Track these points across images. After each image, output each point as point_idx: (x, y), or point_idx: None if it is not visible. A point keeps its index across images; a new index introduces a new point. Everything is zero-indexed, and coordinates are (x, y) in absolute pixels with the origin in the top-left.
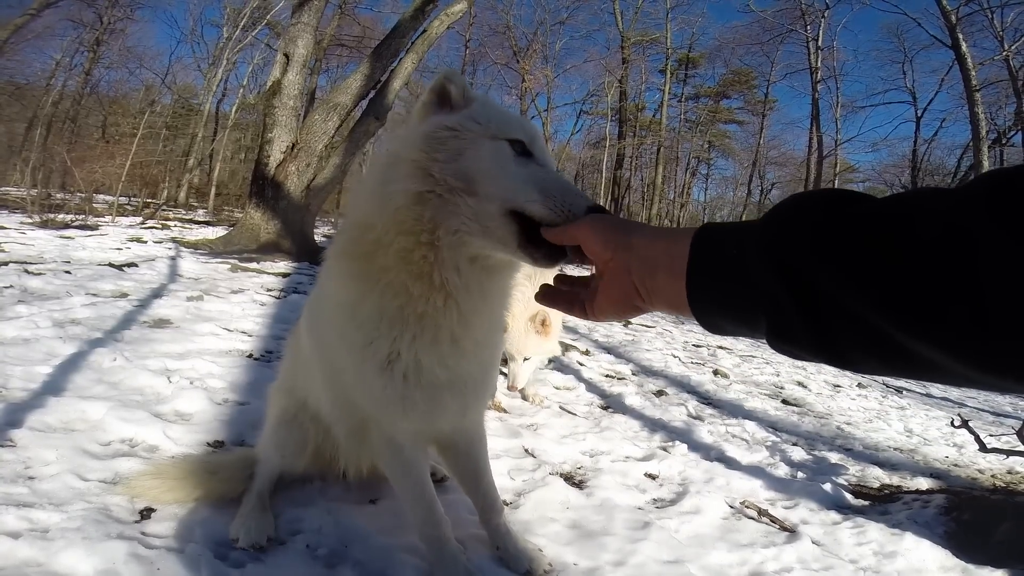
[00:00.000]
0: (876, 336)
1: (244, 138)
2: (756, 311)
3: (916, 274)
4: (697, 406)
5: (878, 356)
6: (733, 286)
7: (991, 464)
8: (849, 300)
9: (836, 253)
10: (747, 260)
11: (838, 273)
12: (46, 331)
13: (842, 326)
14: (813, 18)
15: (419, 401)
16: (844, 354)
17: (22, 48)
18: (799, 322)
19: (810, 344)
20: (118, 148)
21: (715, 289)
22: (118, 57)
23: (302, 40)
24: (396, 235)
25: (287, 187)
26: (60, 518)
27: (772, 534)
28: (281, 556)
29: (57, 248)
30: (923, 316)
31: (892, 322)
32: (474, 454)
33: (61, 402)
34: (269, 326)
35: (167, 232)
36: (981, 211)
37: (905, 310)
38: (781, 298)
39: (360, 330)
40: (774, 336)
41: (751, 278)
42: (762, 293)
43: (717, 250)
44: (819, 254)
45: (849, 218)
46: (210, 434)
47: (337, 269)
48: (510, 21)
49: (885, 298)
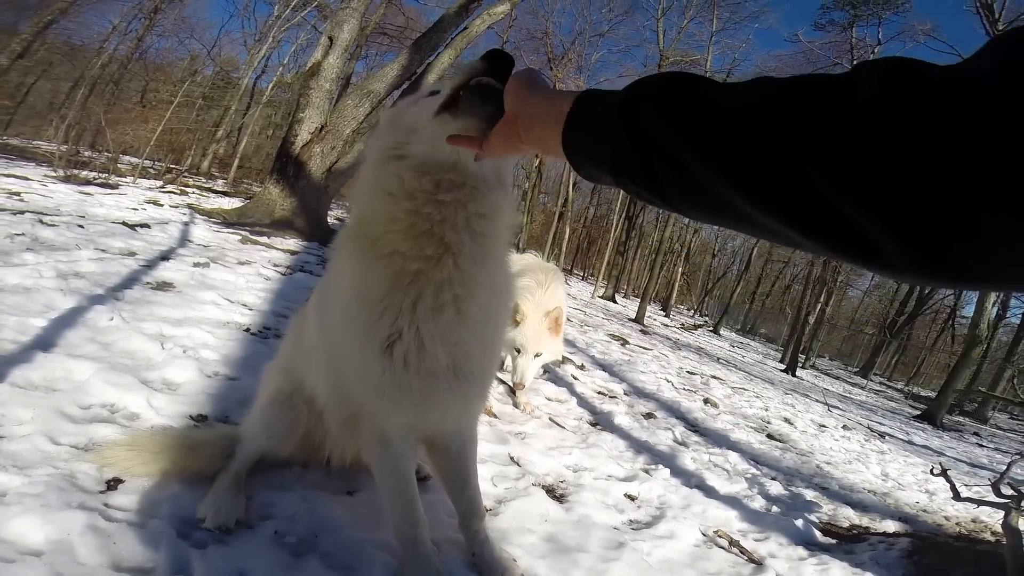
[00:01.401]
0: (682, 168)
1: (275, 115)
2: (606, 151)
3: (721, 132)
4: (684, 432)
5: (689, 196)
6: (594, 133)
7: (958, 512)
8: (671, 145)
9: (663, 102)
10: (606, 113)
11: (664, 122)
12: (48, 281)
13: (663, 166)
14: (862, 53)
15: (415, 389)
16: (665, 192)
17: (85, 11)
18: (634, 160)
19: (641, 180)
20: (153, 113)
21: (581, 135)
22: (172, 26)
23: (348, 25)
24: (379, 195)
25: (309, 167)
26: (21, 482)
27: (740, 565)
28: (247, 540)
29: (75, 203)
30: (727, 169)
31: (705, 167)
32: (464, 457)
33: (49, 359)
34: (271, 302)
35: (184, 198)
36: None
37: (712, 158)
38: (622, 140)
39: (363, 308)
40: (615, 170)
41: (607, 126)
42: (613, 138)
43: (589, 106)
44: (654, 104)
45: (686, 81)
46: (195, 407)
47: (345, 249)
48: (549, 28)
49: (697, 145)
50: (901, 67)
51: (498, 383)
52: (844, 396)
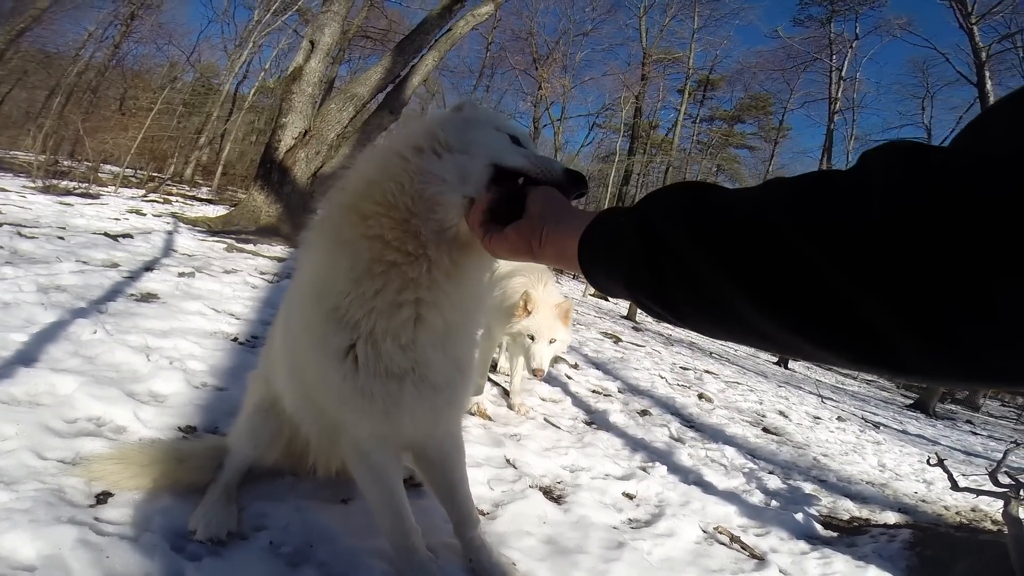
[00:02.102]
0: (698, 281)
1: (258, 121)
2: (621, 263)
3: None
4: (679, 428)
5: (701, 307)
6: (610, 246)
7: (957, 501)
8: (683, 255)
9: (678, 218)
10: (622, 226)
11: (676, 232)
12: (29, 296)
13: (675, 276)
14: (840, 47)
15: (377, 394)
16: (675, 300)
17: (60, 18)
18: (647, 272)
19: (655, 292)
20: (132, 121)
21: (597, 249)
22: (149, 32)
23: (329, 28)
24: (387, 181)
25: (294, 173)
26: (8, 497)
27: (742, 561)
28: (242, 551)
29: (55, 214)
30: (733, 270)
31: (716, 276)
32: (449, 467)
33: (31, 373)
34: (258, 310)
35: (168, 207)
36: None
37: (723, 265)
38: (637, 252)
39: (324, 308)
40: (629, 283)
41: (622, 238)
42: (627, 250)
43: (607, 220)
44: (668, 218)
45: (703, 193)
46: (183, 419)
47: (316, 234)
48: (533, 28)
49: (708, 252)
50: (905, 159)
51: (491, 385)
52: (837, 387)
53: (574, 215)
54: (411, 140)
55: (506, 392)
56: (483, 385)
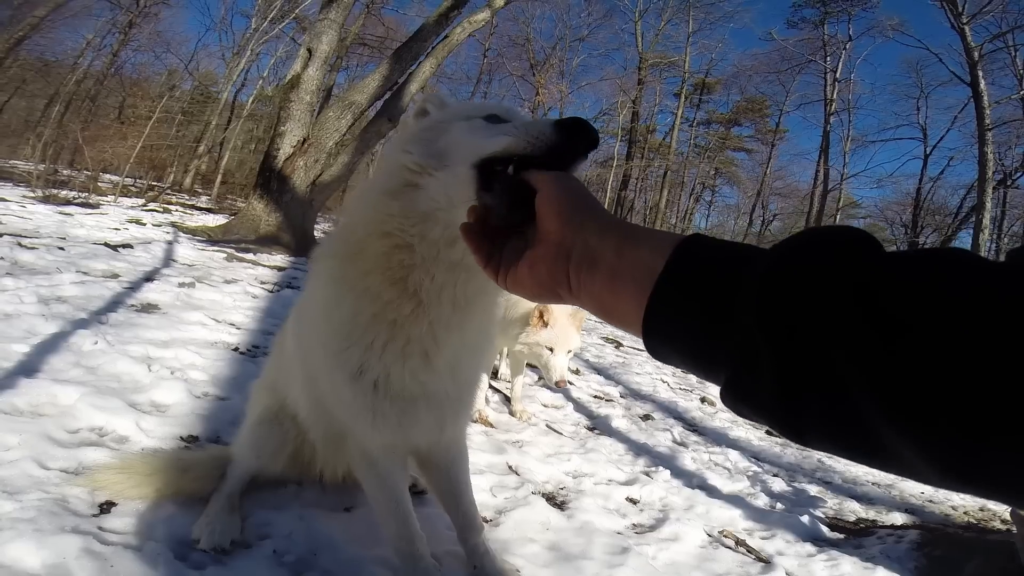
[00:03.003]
0: (856, 420)
1: (256, 129)
2: (720, 357)
3: (943, 368)
4: (682, 432)
5: (843, 441)
6: (705, 322)
7: (965, 501)
8: (848, 381)
9: (854, 320)
10: (737, 297)
11: (848, 343)
12: (30, 307)
13: (817, 402)
14: (834, 49)
15: (390, 413)
16: (804, 431)
17: (58, 26)
18: (769, 386)
19: (771, 412)
20: (132, 130)
21: (681, 319)
22: (147, 40)
23: (327, 36)
24: (375, 237)
25: (293, 181)
26: (12, 507)
27: (748, 564)
28: (246, 560)
29: (55, 224)
30: (925, 419)
31: (889, 419)
32: (454, 473)
33: (33, 384)
34: (259, 320)
35: (167, 216)
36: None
37: (911, 410)
38: (761, 355)
39: (335, 335)
40: (731, 391)
41: (733, 321)
42: (738, 342)
43: (702, 275)
44: (833, 316)
45: (881, 278)
46: (185, 428)
47: (321, 269)
48: (530, 34)
49: (893, 398)
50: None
51: (492, 392)
52: None
53: (622, 240)
54: (384, 186)
55: (507, 399)
56: (484, 392)
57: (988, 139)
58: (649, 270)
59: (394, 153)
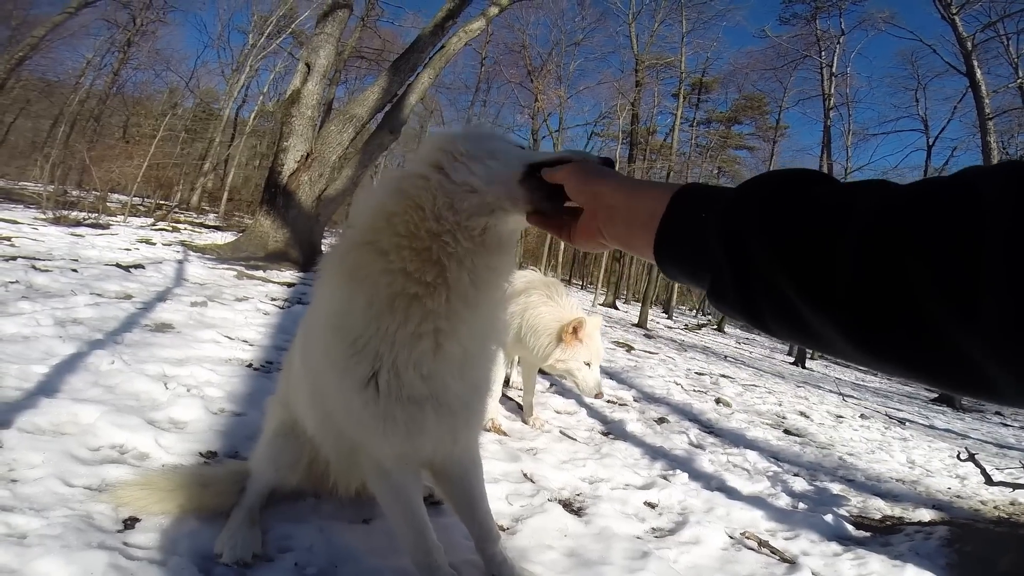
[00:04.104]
0: (790, 308)
1: (260, 145)
2: (705, 271)
3: (831, 262)
4: (699, 434)
5: (789, 325)
6: (692, 247)
7: (994, 496)
8: (773, 274)
9: (771, 229)
10: (708, 227)
11: (769, 247)
12: (47, 329)
13: (764, 294)
14: (828, 44)
15: (399, 419)
16: (764, 319)
17: (57, 46)
18: (731, 286)
19: (739, 307)
20: (137, 149)
21: (678, 247)
22: (146, 58)
23: (324, 50)
24: (411, 209)
25: (299, 196)
26: (40, 524)
27: (772, 565)
28: (268, 573)
29: (67, 245)
30: (826, 300)
31: (803, 301)
32: (468, 483)
33: (54, 404)
34: (271, 336)
35: (177, 235)
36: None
37: (813, 293)
38: (722, 263)
39: (342, 343)
40: (712, 295)
41: (706, 248)
42: (711, 257)
43: (685, 218)
44: (760, 229)
45: (795, 198)
46: (203, 444)
47: (331, 271)
48: (526, 40)
49: (800, 279)
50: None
51: (505, 400)
52: (857, 384)
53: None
54: (428, 159)
55: (520, 407)
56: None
57: (990, 128)
58: (652, 216)
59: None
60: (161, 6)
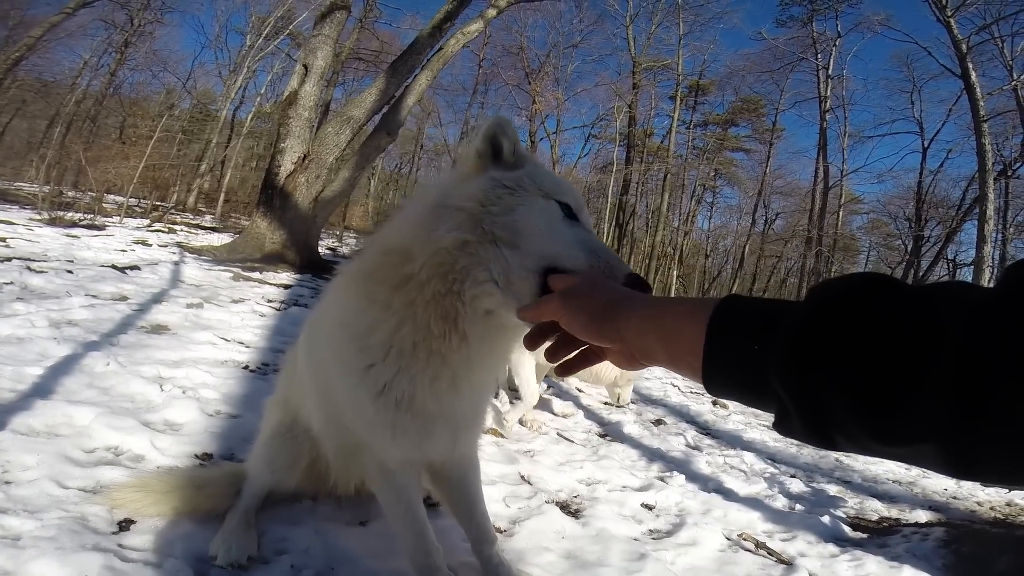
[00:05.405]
0: (855, 440)
1: (257, 146)
2: (767, 404)
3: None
4: (696, 436)
5: (858, 449)
6: (748, 377)
7: (990, 496)
8: (853, 434)
9: (846, 384)
10: (766, 364)
11: (849, 410)
12: (42, 331)
13: (844, 440)
14: (824, 46)
15: (410, 429)
16: (835, 448)
17: (54, 46)
18: (801, 430)
19: (806, 440)
20: (133, 150)
21: (728, 376)
22: (143, 59)
23: (321, 52)
24: (433, 277)
25: (295, 198)
26: (34, 526)
27: (769, 566)
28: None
29: (62, 246)
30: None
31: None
32: (466, 484)
33: (48, 405)
34: (268, 338)
35: (173, 236)
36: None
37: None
38: (790, 409)
39: (362, 352)
40: (778, 429)
41: (767, 381)
42: (775, 396)
43: (738, 345)
44: (832, 381)
45: (863, 330)
46: (199, 446)
47: (355, 289)
48: (524, 42)
49: (883, 440)
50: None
51: (508, 400)
52: None
53: (645, 339)
54: (453, 232)
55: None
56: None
57: (984, 131)
58: (694, 346)
59: (463, 200)
60: (159, 7)
